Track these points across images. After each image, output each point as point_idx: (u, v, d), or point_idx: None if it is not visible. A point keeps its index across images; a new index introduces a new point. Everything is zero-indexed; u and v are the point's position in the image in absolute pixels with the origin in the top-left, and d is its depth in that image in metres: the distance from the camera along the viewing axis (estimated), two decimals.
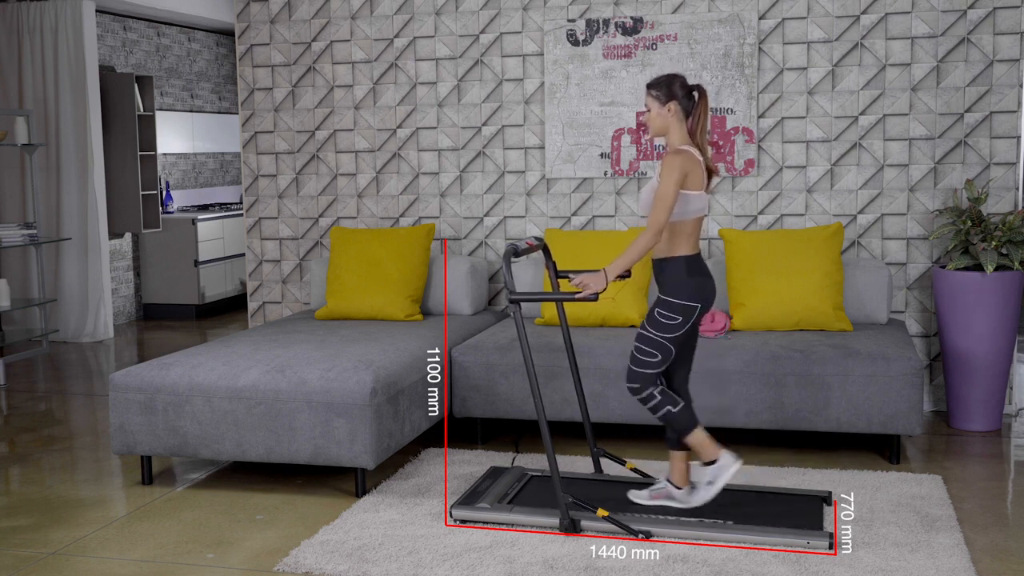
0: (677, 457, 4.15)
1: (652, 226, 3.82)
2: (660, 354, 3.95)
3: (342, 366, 4.54)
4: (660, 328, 3.94)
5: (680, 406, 3.97)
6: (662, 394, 3.97)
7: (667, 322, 3.93)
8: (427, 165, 6.36)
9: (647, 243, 3.83)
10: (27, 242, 7.63)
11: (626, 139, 6.01)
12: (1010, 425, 5.51)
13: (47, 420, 6.06)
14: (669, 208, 3.83)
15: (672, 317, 3.92)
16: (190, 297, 9.68)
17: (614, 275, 3.90)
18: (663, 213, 3.82)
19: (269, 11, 6.54)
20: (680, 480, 4.15)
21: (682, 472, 4.15)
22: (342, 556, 3.83)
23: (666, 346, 3.94)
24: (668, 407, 3.96)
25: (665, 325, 3.93)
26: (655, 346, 3.95)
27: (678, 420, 3.97)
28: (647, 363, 3.96)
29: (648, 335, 3.96)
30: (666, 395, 3.97)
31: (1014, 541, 3.92)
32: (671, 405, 3.97)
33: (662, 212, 3.82)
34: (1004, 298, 5.27)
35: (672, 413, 3.96)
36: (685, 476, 4.15)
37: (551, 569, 3.67)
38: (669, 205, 3.83)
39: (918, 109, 5.70)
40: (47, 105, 8.46)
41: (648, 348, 3.96)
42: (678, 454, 4.14)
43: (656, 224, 3.82)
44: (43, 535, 4.16)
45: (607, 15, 5.99)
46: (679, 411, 3.97)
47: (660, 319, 3.94)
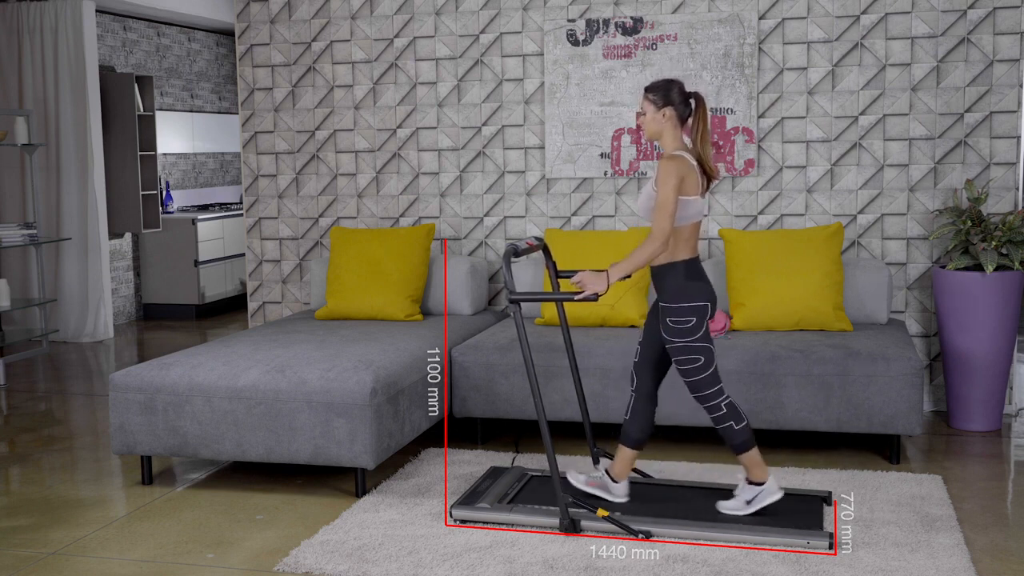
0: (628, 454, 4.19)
1: (658, 235, 3.83)
2: (701, 356, 3.95)
3: (342, 366, 4.54)
4: (680, 335, 3.94)
5: (743, 424, 3.97)
6: (728, 407, 3.98)
7: (683, 327, 3.93)
8: (427, 165, 6.36)
9: (653, 251, 3.85)
10: (27, 242, 7.63)
11: (626, 139, 6.01)
12: (1010, 425, 5.51)
13: (47, 420, 6.06)
14: (671, 215, 3.84)
15: (685, 320, 3.92)
16: (190, 297, 9.68)
17: (616, 278, 3.90)
18: (666, 220, 3.83)
19: (269, 11, 6.54)
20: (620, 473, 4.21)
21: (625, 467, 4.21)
22: (342, 556, 3.83)
23: (697, 346, 3.94)
24: (731, 422, 3.97)
25: (682, 330, 3.93)
26: (690, 351, 3.94)
27: (737, 436, 3.98)
28: (695, 370, 3.96)
29: (677, 346, 3.96)
30: (733, 409, 3.98)
31: (1014, 541, 3.92)
32: (735, 421, 3.97)
33: (665, 220, 3.83)
34: (1004, 298, 5.27)
35: (734, 429, 3.97)
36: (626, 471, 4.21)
37: (551, 569, 3.68)
38: (671, 212, 3.83)
39: (918, 109, 5.70)
40: (47, 105, 8.46)
41: (686, 356, 3.95)
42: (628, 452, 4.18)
43: (661, 232, 3.83)
44: (43, 535, 4.16)
45: (607, 15, 5.99)
46: (740, 429, 3.97)
47: (674, 327, 3.94)
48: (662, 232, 3.83)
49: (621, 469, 4.19)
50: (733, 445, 3.99)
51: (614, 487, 4.20)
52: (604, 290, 3.90)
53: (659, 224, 3.84)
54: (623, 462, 4.19)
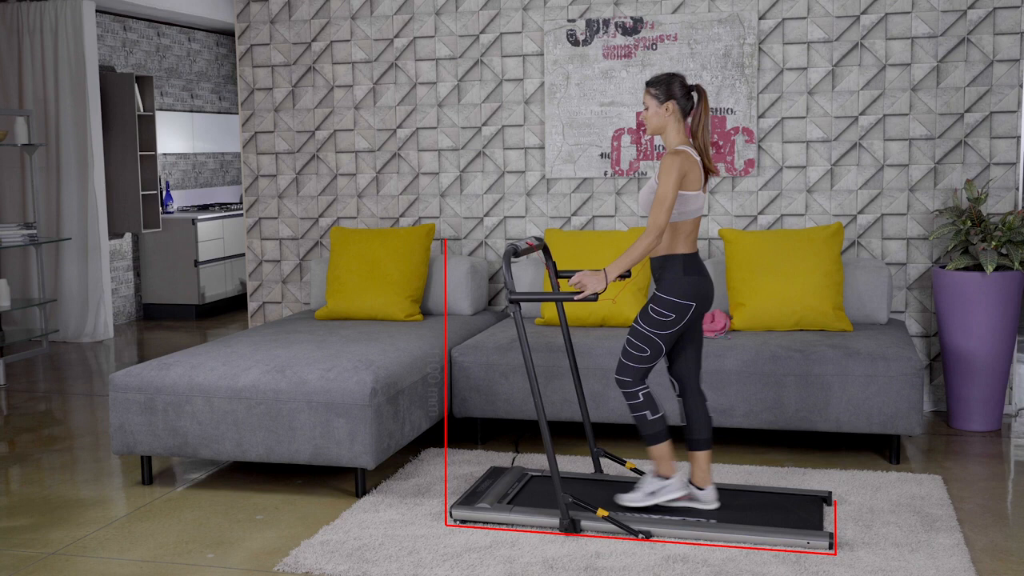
0: (699, 457, 4.12)
1: (653, 228, 3.83)
2: (650, 349, 3.96)
3: (342, 366, 4.54)
4: (652, 324, 3.95)
5: (659, 416, 3.99)
6: (646, 397, 4.00)
7: (659, 318, 3.93)
8: (427, 165, 6.36)
9: (648, 245, 3.84)
10: (27, 242, 7.63)
11: (626, 139, 6.01)
12: (1010, 425, 5.51)
13: (47, 420, 6.06)
14: (669, 209, 3.83)
15: (665, 314, 3.92)
16: (190, 297, 9.68)
17: (614, 276, 3.90)
18: (663, 215, 3.83)
19: (269, 11, 6.54)
20: (702, 480, 4.13)
21: (704, 472, 4.12)
22: (342, 556, 3.83)
23: (656, 342, 3.95)
24: (647, 411, 3.99)
25: (657, 321, 3.94)
26: (645, 341, 3.96)
27: (650, 427, 4.00)
28: (636, 357, 3.98)
29: (640, 329, 3.97)
30: (649, 399, 3.99)
31: (1014, 541, 3.92)
32: (650, 411, 3.99)
33: (662, 213, 3.83)
34: (1004, 298, 5.27)
35: (648, 419, 3.99)
36: (707, 475, 4.13)
37: (551, 569, 3.67)
38: (669, 206, 3.83)
39: (918, 109, 5.70)
40: (47, 105, 8.46)
41: (638, 342, 3.97)
42: (700, 455, 4.12)
43: (657, 226, 3.83)
44: (43, 535, 4.16)
45: (607, 15, 5.99)
46: (655, 420, 3.99)
47: (653, 315, 3.95)
48: (657, 227, 3.83)
49: (702, 476, 4.11)
50: (645, 435, 4.01)
51: (702, 495, 4.13)
52: (603, 289, 3.90)
53: (655, 218, 3.83)
54: (701, 468, 4.11)
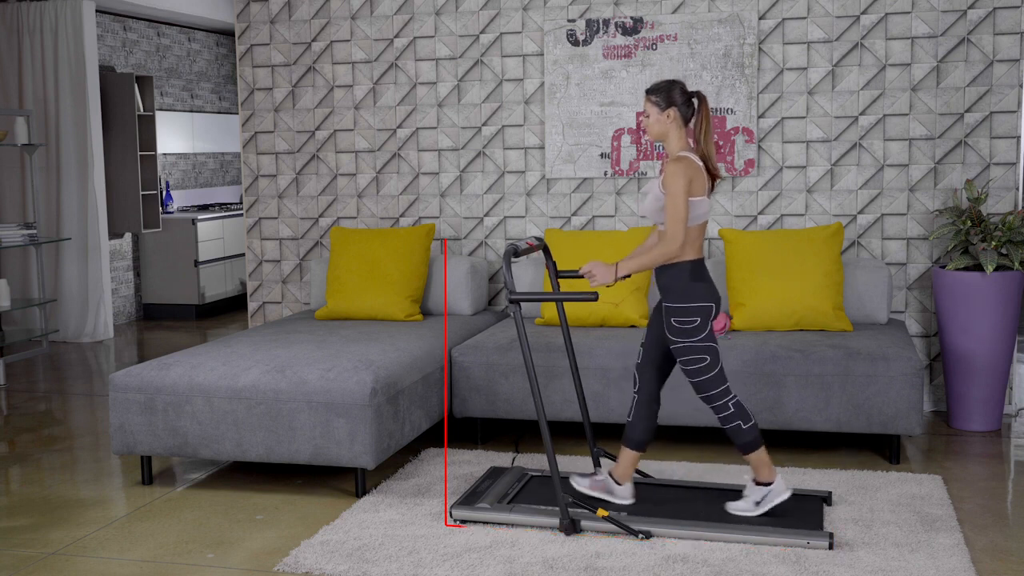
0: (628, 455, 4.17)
1: (673, 238, 3.84)
2: (707, 356, 3.94)
3: (342, 366, 4.54)
4: (684, 335, 3.93)
5: (751, 424, 3.96)
6: (736, 407, 3.97)
7: (687, 327, 3.93)
8: (427, 165, 6.36)
9: (666, 253, 3.86)
10: (27, 242, 7.63)
11: (626, 139, 6.01)
12: (1010, 425, 5.51)
13: (47, 420, 6.06)
14: (684, 216, 3.84)
15: (689, 320, 3.92)
16: (190, 297, 9.68)
17: (624, 273, 3.91)
18: (680, 224, 3.84)
19: (269, 11, 6.54)
20: (623, 476, 4.19)
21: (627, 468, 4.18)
22: (342, 556, 3.83)
23: (702, 346, 3.93)
24: (739, 421, 3.96)
25: (687, 330, 3.93)
26: (694, 352, 3.94)
27: (744, 435, 3.97)
28: (700, 371, 3.95)
29: (681, 347, 3.95)
30: (740, 409, 3.97)
31: (1014, 541, 3.92)
32: (743, 420, 3.96)
33: (679, 223, 3.84)
34: (1004, 298, 5.27)
35: (742, 429, 3.96)
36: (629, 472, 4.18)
37: (551, 569, 3.67)
38: (683, 214, 3.84)
39: (918, 109, 5.70)
40: (47, 105, 8.46)
41: (691, 356, 3.95)
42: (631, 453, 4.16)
43: (676, 236, 3.84)
44: (43, 535, 4.16)
45: (607, 15, 5.99)
46: (748, 428, 3.96)
47: (679, 326, 3.93)
48: (676, 237, 3.84)
49: (624, 471, 4.18)
50: (740, 445, 3.98)
51: (618, 489, 4.18)
52: (611, 282, 3.92)
53: (672, 229, 3.84)
54: (626, 464, 4.17)
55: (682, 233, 3.84)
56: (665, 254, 3.85)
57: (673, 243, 3.84)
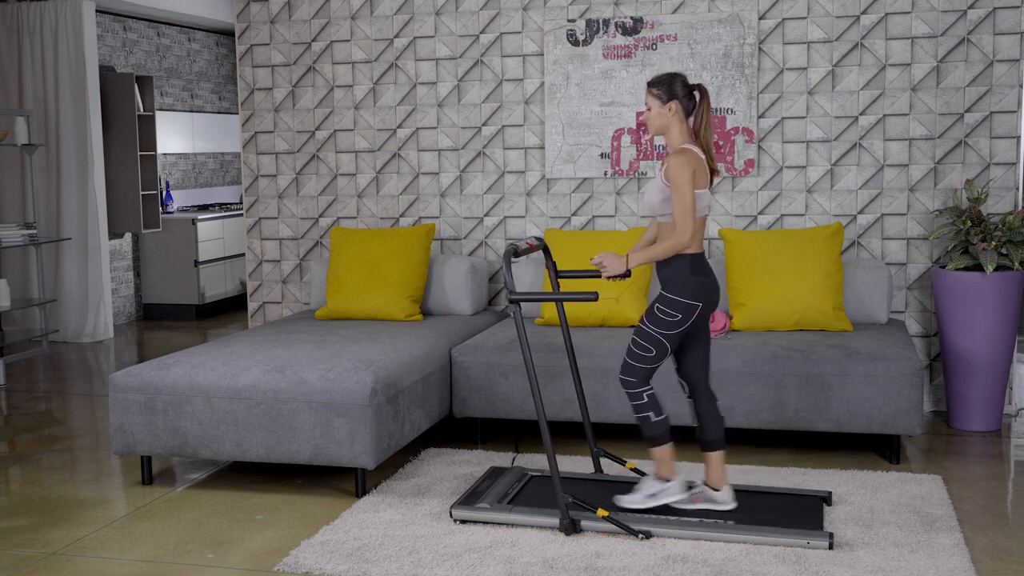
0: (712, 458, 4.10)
1: (683, 230, 3.84)
2: (655, 350, 3.95)
3: (342, 366, 4.54)
4: (658, 324, 3.95)
5: (662, 418, 3.99)
6: (650, 398, 3.99)
7: (666, 319, 3.93)
8: (427, 165, 6.36)
9: (676, 246, 3.87)
10: (27, 242, 7.63)
11: (626, 139, 6.01)
12: (1010, 425, 5.51)
13: (47, 420, 6.06)
14: (691, 208, 3.85)
15: (672, 314, 3.92)
16: (190, 297, 9.67)
17: (634, 264, 3.93)
18: (688, 218, 3.85)
19: (269, 11, 6.54)
20: (717, 481, 4.11)
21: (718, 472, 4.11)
22: (342, 556, 3.83)
23: (662, 343, 3.94)
24: (650, 412, 3.98)
25: (664, 321, 3.94)
26: (651, 341, 3.96)
27: (653, 428, 3.99)
28: (642, 357, 3.97)
29: (646, 330, 3.97)
30: (654, 401, 3.99)
31: (1014, 541, 3.92)
32: (654, 412, 3.98)
33: (687, 215, 3.84)
34: (1004, 298, 5.27)
35: (651, 421, 3.99)
36: (722, 476, 4.11)
37: (551, 569, 3.67)
38: (690, 205, 3.85)
39: (918, 109, 5.70)
40: (47, 105, 8.46)
41: (644, 343, 3.97)
42: (713, 455, 4.10)
43: (685, 228, 3.85)
44: (43, 535, 4.16)
45: (607, 15, 5.99)
46: (658, 421, 3.99)
47: (659, 315, 3.94)
48: (686, 228, 3.85)
49: (717, 476, 4.10)
50: (647, 437, 4.01)
51: (718, 496, 4.11)
52: (623, 272, 3.93)
53: (681, 221, 3.85)
54: (716, 468, 4.09)
55: (691, 224, 3.85)
56: (676, 246, 3.86)
57: (684, 235, 3.85)
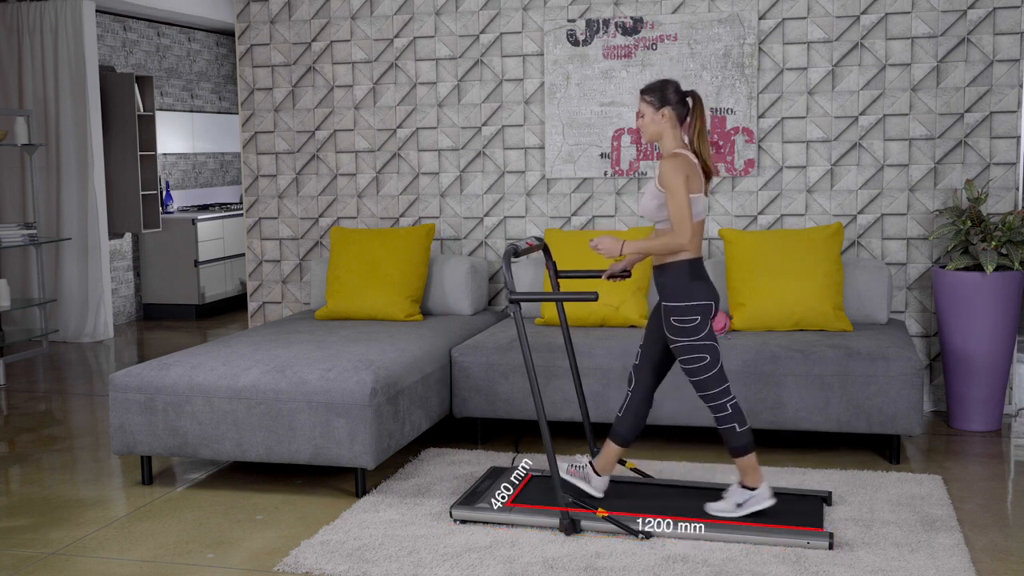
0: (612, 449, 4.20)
1: (681, 232, 3.85)
2: (707, 355, 3.94)
3: (342, 366, 4.54)
4: (684, 333, 3.94)
5: (746, 428, 3.96)
6: (734, 408, 3.97)
7: (687, 326, 3.93)
8: (427, 165, 6.36)
9: (673, 244, 3.87)
10: (27, 242, 7.63)
11: (626, 139, 6.01)
12: (1010, 425, 5.51)
13: (47, 420, 6.06)
14: (688, 211, 3.86)
15: (689, 319, 3.92)
16: (190, 297, 9.68)
17: (630, 251, 3.94)
18: (686, 222, 3.85)
19: (269, 11, 6.54)
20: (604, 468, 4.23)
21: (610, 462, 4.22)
22: (342, 556, 3.83)
23: (704, 346, 3.93)
24: (735, 424, 3.96)
25: (687, 329, 3.93)
26: (694, 351, 3.94)
27: (738, 439, 3.96)
28: (701, 368, 3.95)
29: (681, 345, 3.95)
30: (737, 411, 3.97)
31: (1014, 541, 3.92)
32: (738, 424, 3.96)
33: (684, 218, 3.85)
34: (1004, 298, 5.27)
35: (736, 432, 3.96)
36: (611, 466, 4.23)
37: (551, 569, 3.67)
38: (686, 208, 3.85)
39: (918, 109, 5.70)
40: (47, 105, 8.46)
41: (691, 355, 3.95)
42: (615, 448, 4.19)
43: (683, 230, 3.85)
44: (43, 535, 4.16)
45: (607, 15, 5.99)
46: (743, 432, 3.96)
47: (680, 326, 3.93)
48: (684, 230, 3.85)
49: (606, 463, 4.22)
50: (732, 448, 3.98)
51: (595, 480, 4.22)
52: (617, 254, 3.93)
53: (679, 224, 3.85)
54: (609, 457, 4.22)
55: (689, 227, 3.85)
56: (672, 244, 3.87)
57: (682, 235, 3.86)
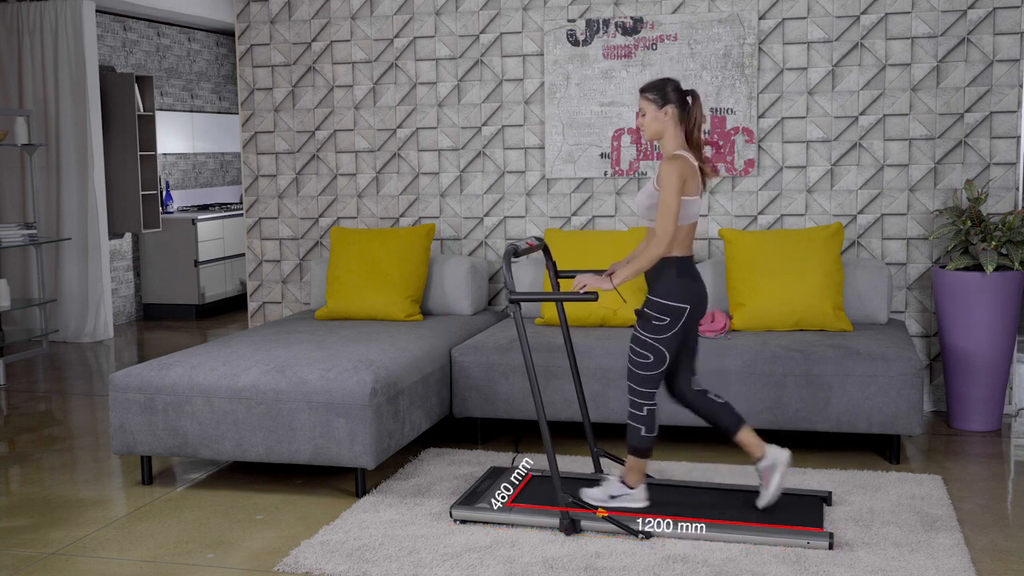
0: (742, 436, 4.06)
1: (662, 238, 3.85)
2: (652, 356, 3.96)
3: (342, 366, 4.54)
4: (650, 329, 3.96)
5: (652, 436, 4.03)
6: (649, 413, 4.01)
7: (656, 323, 3.94)
8: (427, 165, 6.36)
9: (656, 254, 3.87)
10: (27, 242, 7.63)
11: (626, 139, 6.01)
12: (1010, 425, 5.51)
13: (47, 420, 6.06)
14: (675, 216, 3.85)
15: (660, 318, 3.93)
16: (190, 297, 9.67)
17: (619, 282, 3.92)
18: (670, 224, 3.85)
19: (269, 11, 6.54)
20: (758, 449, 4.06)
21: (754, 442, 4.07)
22: (342, 556, 3.83)
23: (657, 348, 3.95)
24: (643, 426, 4.02)
25: (654, 326, 3.95)
26: (646, 347, 3.97)
27: (640, 441, 4.03)
28: (641, 364, 3.98)
29: (640, 336, 3.99)
30: (651, 417, 4.01)
31: (1014, 541, 3.92)
32: (646, 428, 4.01)
33: (669, 222, 3.84)
34: (1004, 298, 5.27)
35: (640, 435, 4.02)
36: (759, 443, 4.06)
37: (551, 569, 3.67)
38: (674, 213, 3.85)
39: (918, 109, 5.70)
40: (47, 105, 8.46)
41: (640, 349, 3.99)
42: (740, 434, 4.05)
43: (665, 235, 3.85)
44: (43, 535, 4.16)
45: (607, 15, 5.99)
46: (647, 437, 4.02)
47: (649, 320, 3.95)
48: (666, 236, 3.85)
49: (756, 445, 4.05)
50: (632, 446, 4.05)
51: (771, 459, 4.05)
52: (608, 288, 3.93)
53: (662, 227, 3.85)
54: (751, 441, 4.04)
55: (671, 233, 3.85)
56: (653, 255, 3.87)
57: (662, 242, 3.85)
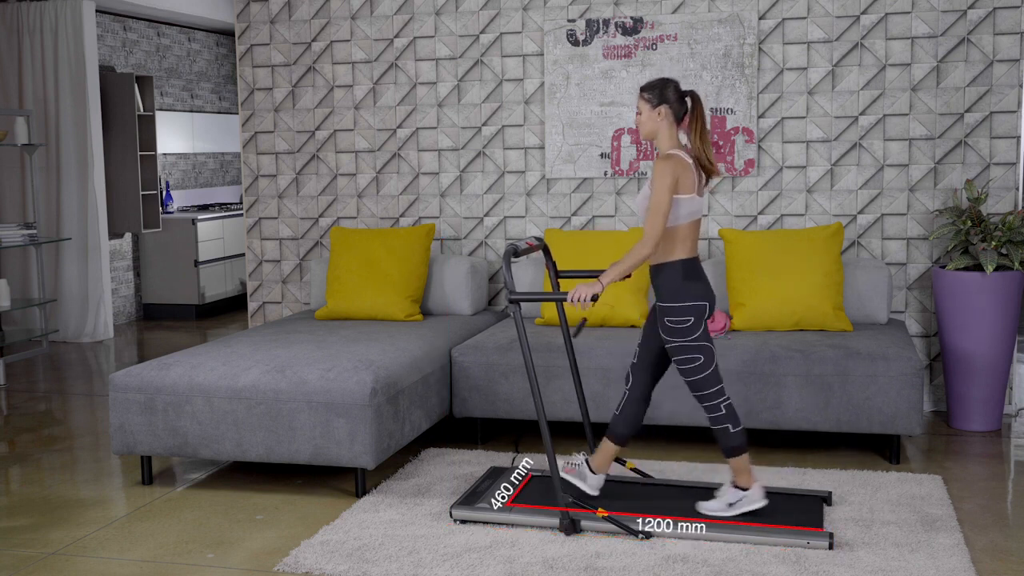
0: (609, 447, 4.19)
1: (648, 236, 3.83)
2: (700, 355, 3.93)
3: (342, 366, 4.54)
4: (678, 334, 3.93)
5: (739, 429, 3.96)
6: (727, 409, 3.97)
7: (680, 326, 3.92)
8: (427, 165, 6.36)
9: (643, 253, 3.84)
10: (27, 242, 7.63)
11: (626, 139, 6.01)
12: (1010, 425, 5.51)
13: (47, 420, 6.06)
14: (664, 215, 3.83)
15: (683, 320, 3.91)
16: (190, 297, 9.67)
17: (608, 282, 3.89)
18: (658, 223, 3.83)
19: (269, 11, 6.54)
20: (600, 466, 4.21)
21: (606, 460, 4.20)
22: (342, 556, 3.83)
23: (697, 346, 3.93)
24: (728, 424, 3.96)
25: (680, 329, 3.92)
26: (688, 351, 3.93)
27: (731, 439, 3.96)
28: (695, 368, 3.94)
29: (675, 345, 3.95)
30: (731, 412, 3.97)
31: (1014, 541, 3.92)
32: (731, 424, 3.96)
33: (657, 221, 3.83)
34: (1004, 298, 5.27)
35: (729, 432, 3.96)
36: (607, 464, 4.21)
37: (551, 569, 3.67)
38: (664, 212, 3.83)
39: (918, 109, 5.70)
40: (47, 105, 8.46)
41: (685, 356, 3.94)
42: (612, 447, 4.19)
43: (652, 233, 3.83)
44: (43, 535, 4.16)
45: (607, 15, 5.99)
46: (736, 433, 3.95)
47: (674, 326, 3.93)
48: (653, 235, 3.83)
49: (602, 462, 4.22)
50: (726, 448, 3.98)
51: (591, 478, 4.22)
52: (598, 290, 3.90)
53: (650, 225, 3.83)
54: (605, 455, 4.21)
55: (658, 232, 3.82)
56: (642, 254, 3.83)
57: (648, 242, 3.82)
